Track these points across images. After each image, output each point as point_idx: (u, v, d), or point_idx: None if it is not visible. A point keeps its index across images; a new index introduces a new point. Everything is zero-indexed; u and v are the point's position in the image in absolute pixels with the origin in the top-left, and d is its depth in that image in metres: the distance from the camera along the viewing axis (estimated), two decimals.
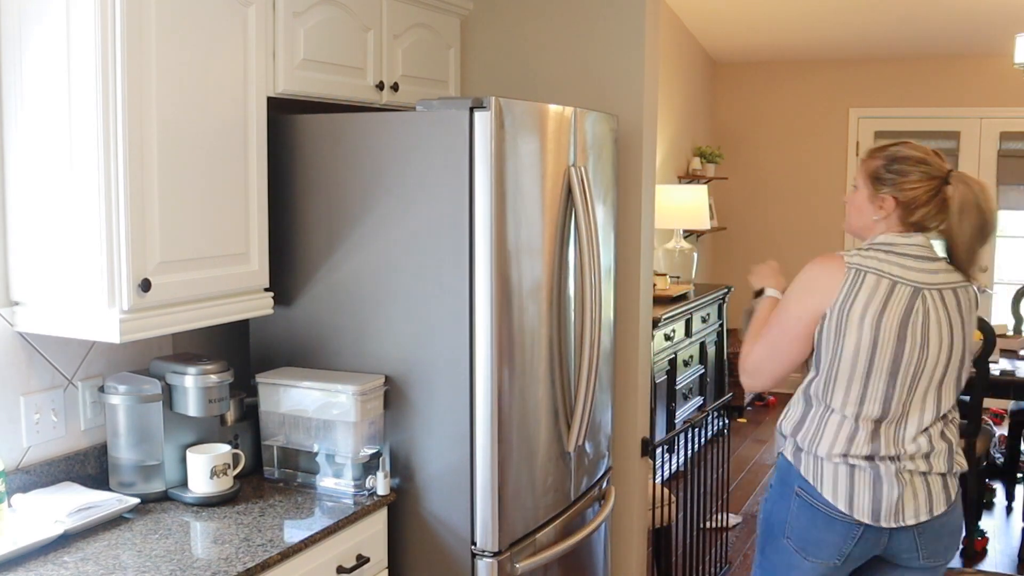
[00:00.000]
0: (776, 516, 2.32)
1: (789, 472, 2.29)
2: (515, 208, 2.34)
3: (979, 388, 4.38)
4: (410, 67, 2.90)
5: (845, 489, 2.21)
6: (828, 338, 2.20)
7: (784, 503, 2.30)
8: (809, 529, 2.26)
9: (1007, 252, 7.06)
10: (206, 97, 2.18)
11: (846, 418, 2.21)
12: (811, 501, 2.25)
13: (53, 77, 2.00)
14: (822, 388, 2.23)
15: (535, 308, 2.47)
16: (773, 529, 2.33)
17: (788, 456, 2.30)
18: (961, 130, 7.00)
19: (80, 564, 1.90)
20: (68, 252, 2.04)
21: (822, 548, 2.26)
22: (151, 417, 2.27)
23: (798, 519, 2.27)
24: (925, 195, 2.20)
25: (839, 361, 2.19)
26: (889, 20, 6.14)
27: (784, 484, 2.31)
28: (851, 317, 2.16)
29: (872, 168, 2.27)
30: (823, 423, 2.24)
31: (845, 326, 2.17)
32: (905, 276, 2.18)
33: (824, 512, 2.23)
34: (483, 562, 2.36)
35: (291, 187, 2.49)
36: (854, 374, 2.19)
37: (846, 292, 2.17)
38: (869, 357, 2.17)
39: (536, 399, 2.50)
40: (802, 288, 2.25)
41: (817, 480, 2.23)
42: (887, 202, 2.23)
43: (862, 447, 2.20)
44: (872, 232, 2.28)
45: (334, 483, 2.37)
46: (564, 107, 2.56)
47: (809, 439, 2.25)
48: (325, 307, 2.49)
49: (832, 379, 2.21)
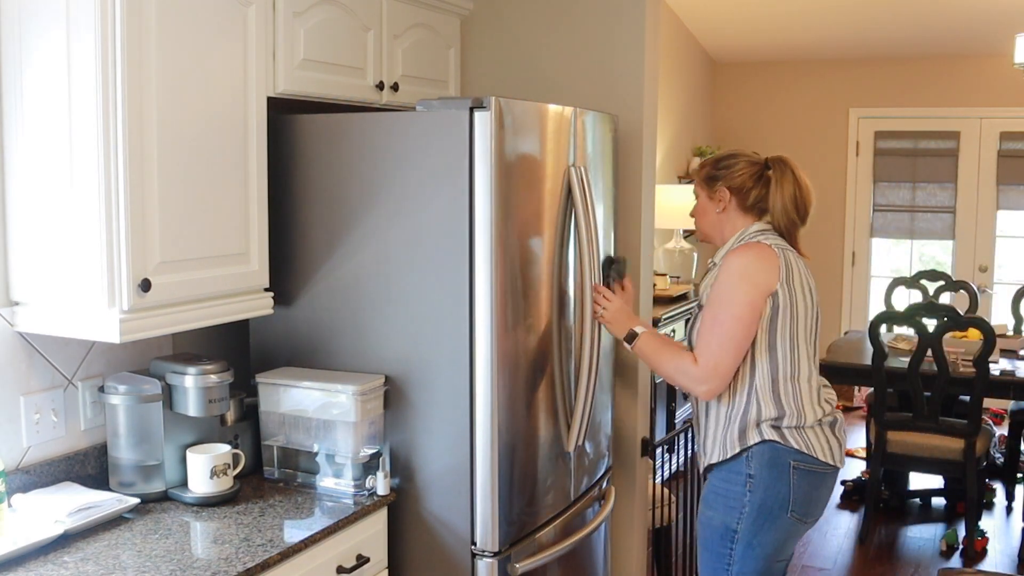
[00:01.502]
0: (774, 498, 2.43)
1: (776, 451, 2.42)
2: (515, 208, 2.34)
3: (979, 388, 4.38)
4: (410, 67, 2.90)
5: (827, 445, 2.45)
6: (784, 312, 2.40)
7: (782, 482, 2.42)
8: (810, 493, 2.45)
9: (1007, 252, 7.06)
10: (206, 97, 2.18)
11: (811, 387, 2.45)
12: (809, 467, 2.43)
13: (53, 77, 2.00)
14: (789, 363, 2.42)
15: (535, 308, 2.47)
16: (772, 511, 2.43)
17: (772, 438, 2.41)
18: (961, 130, 7.00)
19: (80, 564, 1.91)
20: (68, 252, 2.04)
21: (819, 506, 2.50)
22: (151, 417, 2.28)
23: (799, 489, 2.42)
24: (751, 179, 2.52)
25: (797, 330, 2.42)
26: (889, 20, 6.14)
27: (775, 466, 2.42)
28: (795, 287, 2.42)
29: (704, 174, 2.59)
30: (799, 402, 2.43)
31: (795, 295, 2.42)
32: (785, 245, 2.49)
33: (820, 472, 2.45)
34: (483, 562, 2.36)
35: (291, 187, 2.49)
36: (808, 337, 2.45)
37: (785, 267, 2.42)
38: (814, 315, 2.47)
39: (536, 399, 2.50)
40: (744, 277, 2.42)
41: (810, 447, 2.42)
42: (722, 193, 2.54)
43: (824, 404, 2.48)
44: (721, 229, 2.58)
45: (334, 483, 2.37)
46: (564, 107, 2.56)
47: (795, 419, 2.42)
48: (325, 307, 2.49)
49: (796, 349, 2.43)
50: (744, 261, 2.43)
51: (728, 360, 2.41)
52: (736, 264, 2.43)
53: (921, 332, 4.41)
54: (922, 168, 7.14)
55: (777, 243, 2.47)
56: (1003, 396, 4.67)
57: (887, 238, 7.32)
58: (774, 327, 2.41)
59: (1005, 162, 6.93)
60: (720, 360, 2.41)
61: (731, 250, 2.49)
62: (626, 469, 3.19)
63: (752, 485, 2.44)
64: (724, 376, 2.42)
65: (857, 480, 5.29)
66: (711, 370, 2.41)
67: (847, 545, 4.66)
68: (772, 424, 2.42)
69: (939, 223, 7.14)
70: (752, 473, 2.44)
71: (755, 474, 2.44)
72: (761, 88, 7.44)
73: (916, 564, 4.45)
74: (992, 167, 6.97)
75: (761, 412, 2.42)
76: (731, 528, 2.46)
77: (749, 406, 2.44)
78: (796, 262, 2.46)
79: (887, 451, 4.58)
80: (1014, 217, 7.00)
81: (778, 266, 2.41)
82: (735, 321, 2.39)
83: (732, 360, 2.41)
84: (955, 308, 4.54)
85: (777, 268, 2.41)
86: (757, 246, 2.45)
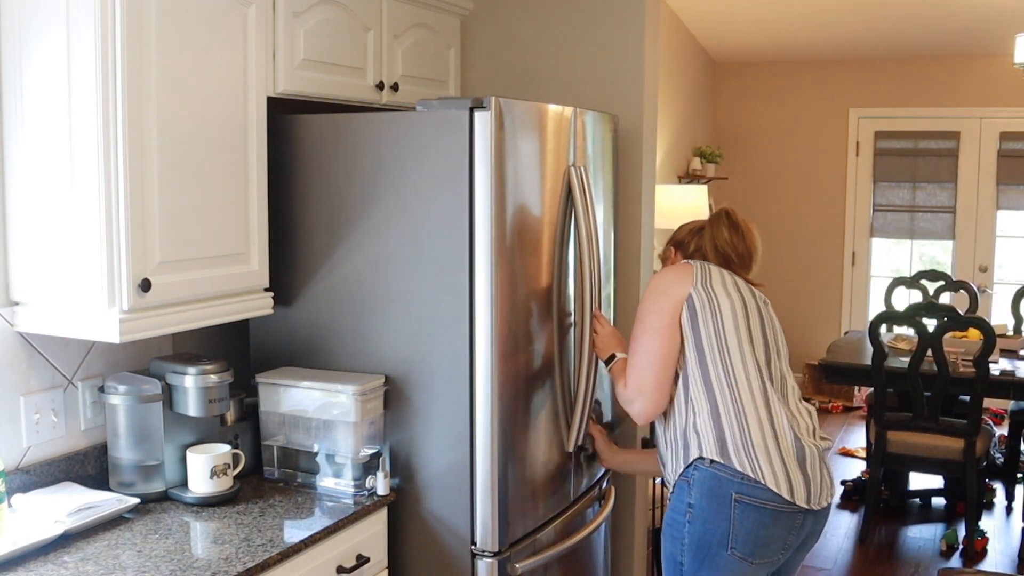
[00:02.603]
0: (712, 531, 2.25)
1: (718, 481, 2.25)
2: (515, 208, 2.34)
3: (979, 388, 4.38)
4: (410, 67, 2.90)
5: (783, 474, 2.23)
6: (703, 312, 2.32)
7: (720, 516, 2.24)
8: (756, 531, 2.24)
9: (1007, 252, 7.05)
10: (206, 97, 2.18)
11: (751, 383, 2.29)
12: (753, 501, 2.23)
13: (53, 77, 2.00)
14: (719, 365, 2.29)
15: (535, 308, 2.47)
16: (711, 547, 2.26)
17: (716, 459, 2.25)
18: (961, 130, 7.00)
19: (80, 564, 1.91)
20: (68, 252, 2.04)
21: (769, 546, 2.27)
22: (151, 417, 2.28)
23: (742, 525, 2.23)
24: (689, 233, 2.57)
25: (723, 327, 2.31)
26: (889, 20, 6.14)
27: (715, 496, 2.25)
28: (715, 287, 2.36)
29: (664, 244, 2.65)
30: (740, 409, 2.27)
31: (715, 294, 2.34)
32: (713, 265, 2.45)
33: (769, 508, 2.23)
34: (483, 562, 2.36)
35: (291, 187, 2.49)
36: (740, 333, 2.32)
37: (700, 273, 2.38)
38: (745, 315, 2.35)
39: (536, 399, 2.50)
40: (656, 290, 2.40)
41: (757, 471, 2.22)
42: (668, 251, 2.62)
43: (778, 408, 2.29)
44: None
45: (334, 483, 2.37)
46: (564, 107, 2.56)
47: (737, 431, 2.25)
48: (325, 307, 2.49)
49: (725, 348, 2.31)
50: (656, 280, 2.43)
51: (650, 376, 2.34)
52: (649, 286, 2.44)
53: (921, 332, 4.41)
54: (922, 168, 7.14)
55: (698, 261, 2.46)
56: (1003, 396, 4.67)
57: (887, 238, 7.32)
58: (697, 330, 2.32)
59: (1005, 162, 6.93)
60: (642, 378, 2.35)
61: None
62: None
63: (691, 515, 2.28)
64: (650, 393, 2.34)
65: (857, 480, 5.29)
66: (635, 389, 2.37)
67: (847, 545, 4.66)
68: (716, 438, 2.26)
69: (939, 223, 7.13)
70: (692, 503, 2.28)
71: (695, 504, 2.28)
72: (761, 88, 7.44)
73: (916, 564, 4.45)
74: (992, 167, 6.97)
75: (699, 424, 2.28)
76: (678, 560, 2.33)
77: (688, 420, 2.31)
78: (722, 273, 2.40)
79: (887, 451, 4.58)
80: (1014, 217, 7.00)
81: (691, 273, 2.38)
82: (649, 333, 2.36)
83: (655, 376, 2.33)
84: (955, 308, 4.54)
85: (691, 275, 2.37)
86: (675, 264, 2.49)
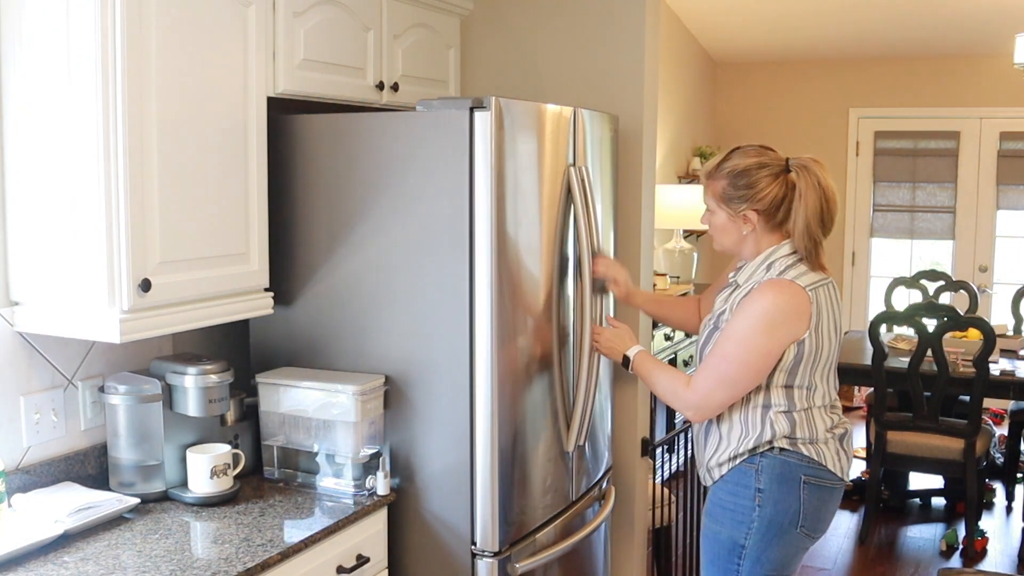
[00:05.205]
0: (784, 512, 2.35)
1: (787, 467, 2.34)
2: (515, 208, 2.34)
3: (979, 388, 4.38)
4: (410, 67, 2.90)
5: (837, 458, 2.39)
6: (810, 355, 2.30)
7: (792, 497, 2.35)
8: (820, 508, 2.38)
9: (1007, 252, 7.05)
10: (206, 97, 2.18)
11: (824, 408, 2.39)
12: (819, 482, 2.36)
13: (53, 77, 2.00)
14: (804, 396, 2.35)
15: (535, 308, 2.47)
16: (782, 526, 2.35)
17: (785, 447, 2.34)
18: (961, 130, 7.00)
19: (80, 564, 1.91)
20: (68, 252, 2.04)
21: (827, 521, 2.44)
22: (151, 417, 2.27)
23: (810, 504, 2.35)
24: (780, 192, 2.31)
25: (819, 368, 2.34)
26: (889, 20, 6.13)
27: (785, 480, 2.34)
28: (822, 331, 2.31)
29: (718, 190, 2.36)
30: (811, 417, 2.36)
31: (822, 340, 2.31)
32: (816, 280, 2.32)
33: (828, 487, 2.38)
34: (483, 562, 2.36)
35: (291, 187, 2.49)
36: (828, 373, 2.38)
37: (815, 314, 2.28)
38: (830, 356, 2.37)
39: (536, 399, 2.50)
40: (773, 325, 2.26)
41: (822, 456, 2.35)
42: (750, 216, 2.33)
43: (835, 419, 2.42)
44: (746, 247, 2.39)
45: (334, 483, 2.37)
46: (564, 107, 2.56)
47: (808, 432, 2.35)
48: (325, 307, 2.49)
49: (814, 385, 2.35)
50: (772, 306, 2.25)
51: (722, 396, 2.33)
52: (762, 306, 2.26)
53: (921, 332, 4.41)
54: (922, 168, 7.14)
55: (809, 281, 2.28)
56: (1003, 396, 4.67)
57: (887, 238, 7.31)
58: (795, 370, 2.30)
59: (1005, 162, 6.93)
60: (713, 395, 2.33)
61: (760, 284, 2.29)
62: (626, 469, 3.19)
63: (761, 499, 2.35)
64: (715, 408, 2.35)
65: (857, 480, 5.28)
66: (702, 399, 2.35)
67: (847, 545, 4.66)
68: (786, 436, 2.33)
69: (939, 223, 7.13)
70: (762, 487, 2.35)
71: (765, 488, 2.34)
72: (761, 88, 7.44)
73: (916, 564, 4.45)
74: (992, 167, 6.97)
75: (775, 431, 2.33)
76: (739, 543, 2.37)
77: (759, 427, 2.34)
78: (827, 300, 2.31)
79: (887, 451, 4.58)
80: (1014, 217, 6.99)
81: (810, 314, 2.25)
82: (743, 367, 2.28)
83: (727, 397, 2.33)
84: (955, 308, 4.54)
85: (808, 316, 2.25)
86: (790, 288, 2.26)
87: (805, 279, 2.29)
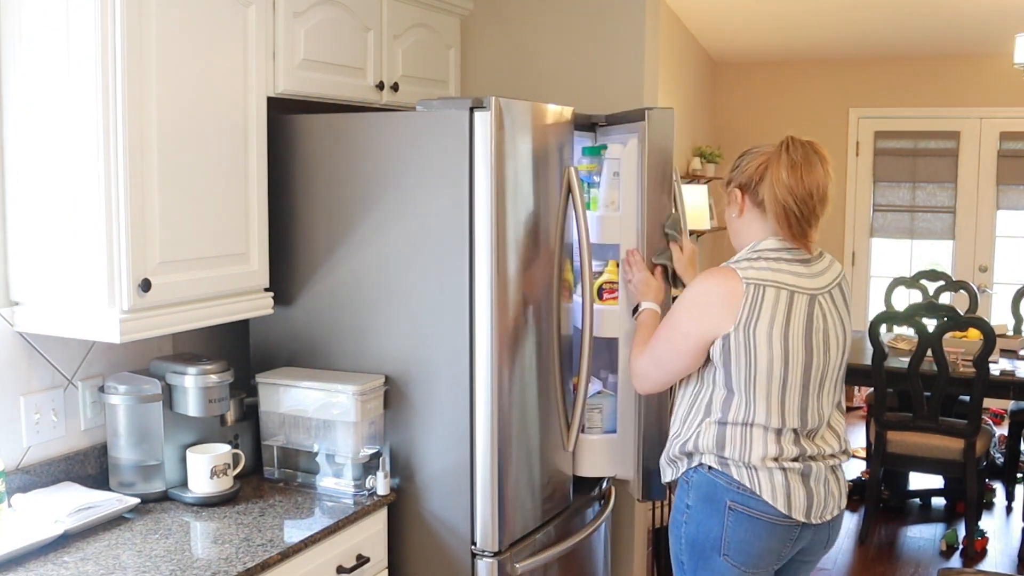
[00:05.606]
0: (706, 535, 2.20)
1: (715, 487, 2.18)
2: (515, 208, 2.34)
3: (979, 388, 4.38)
4: (410, 67, 2.90)
5: (782, 489, 2.15)
6: (737, 357, 2.13)
7: (715, 520, 2.18)
8: (749, 541, 2.17)
9: (1007, 252, 7.05)
10: (206, 97, 2.18)
11: (769, 430, 2.16)
12: (747, 511, 2.15)
13: (53, 77, 2.00)
14: (743, 408, 2.16)
15: (535, 308, 2.47)
16: (704, 549, 2.20)
17: (713, 466, 2.18)
18: (961, 130, 7.00)
19: (80, 564, 1.91)
20: (68, 252, 2.04)
21: (764, 557, 2.19)
22: (151, 417, 2.28)
23: (735, 533, 2.17)
24: (759, 169, 2.19)
25: (754, 379, 2.13)
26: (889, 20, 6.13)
27: (711, 501, 2.19)
28: (758, 335, 2.11)
29: (726, 180, 2.32)
30: (748, 437, 2.16)
31: (754, 344, 2.11)
32: (799, 284, 2.15)
33: (764, 520, 2.16)
34: (483, 562, 2.36)
35: (291, 187, 2.49)
36: (771, 388, 2.14)
37: (748, 310, 2.10)
38: (783, 371, 2.13)
39: (536, 399, 2.50)
40: (695, 306, 2.18)
41: (754, 483, 2.15)
42: (734, 194, 2.26)
43: (791, 448, 2.17)
44: (738, 236, 2.28)
45: (334, 483, 2.37)
46: (564, 107, 2.56)
47: (738, 451, 2.17)
48: (325, 307, 2.49)
49: (752, 398, 2.15)
50: (700, 287, 2.18)
51: (655, 374, 2.28)
52: (692, 288, 2.20)
53: (921, 332, 4.41)
54: (922, 168, 7.14)
55: (758, 277, 2.12)
56: (1003, 396, 4.67)
57: (887, 238, 7.32)
58: (728, 370, 2.15)
59: (1005, 162, 6.93)
60: (648, 371, 2.30)
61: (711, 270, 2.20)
62: None
63: (688, 516, 2.24)
64: (650, 383, 2.31)
65: (857, 480, 5.29)
66: (640, 371, 2.32)
67: (847, 545, 4.66)
68: (714, 453, 2.18)
69: (939, 223, 7.14)
70: (690, 504, 2.23)
71: (692, 505, 2.23)
72: (761, 88, 7.44)
73: (916, 564, 4.45)
74: (992, 167, 6.97)
75: (700, 444, 2.20)
76: (679, 559, 2.28)
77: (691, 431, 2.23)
78: (780, 305, 2.11)
79: (887, 451, 4.58)
80: (1014, 217, 6.99)
81: (739, 307, 2.10)
82: (666, 344, 2.23)
83: (659, 375, 2.27)
84: (955, 308, 4.54)
85: (736, 308, 2.10)
86: (724, 273, 2.15)
87: (754, 272, 2.13)
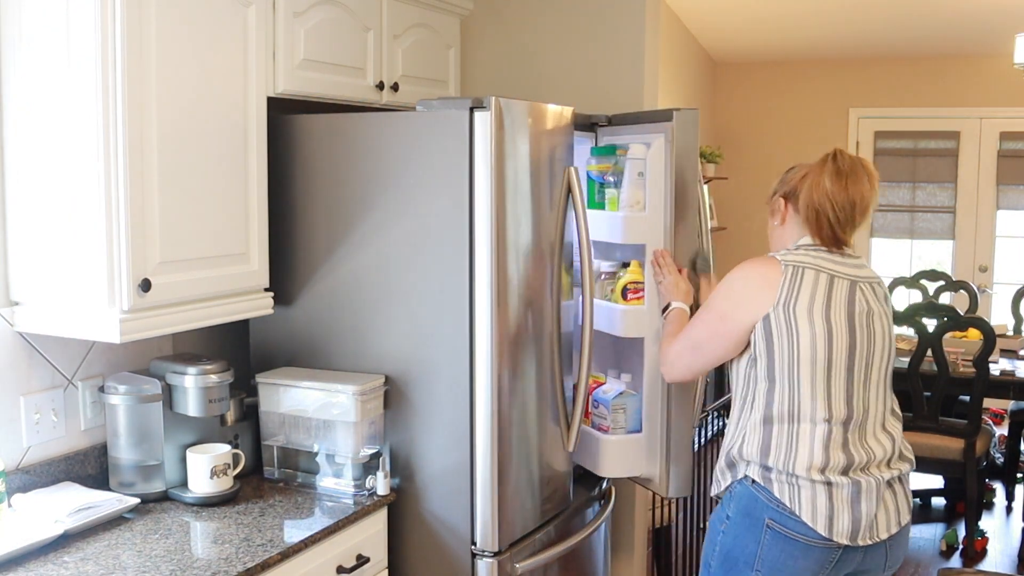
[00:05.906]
0: (741, 549, 2.18)
1: (755, 503, 2.16)
2: (515, 208, 2.34)
3: (979, 388, 4.38)
4: (410, 67, 2.90)
5: (825, 511, 2.11)
6: (780, 338, 2.13)
7: (751, 535, 2.16)
8: (784, 561, 2.14)
9: (1007, 252, 7.05)
10: (206, 97, 2.18)
11: (816, 424, 2.13)
12: (785, 532, 2.13)
13: (53, 77, 2.00)
14: (787, 397, 2.14)
15: (535, 308, 2.47)
16: (737, 562, 2.19)
17: (756, 480, 2.16)
18: (961, 130, 7.00)
19: (80, 564, 1.91)
20: (68, 252, 2.04)
21: None
22: (151, 417, 2.28)
23: (770, 552, 2.14)
24: (803, 179, 2.23)
25: (798, 361, 2.13)
26: (889, 20, 6.13)
27: (749, 516, 2.17)
28: (798, 312, 2.12)
29: (770, 193, 2.35)
30: (794, 438, 2.14)
31: (795, 322, 2.12)
32: (838, 270, 2.19)
33: (801, 541, 2.12)
34: (483, 562, 2.36)
35: (291, 187, 2.49)
36: (816, 371, 2.13)
37: (787, 289, 2.13)
38: (827, 350, 2.13)
39: (536, 399, 2.50)
40: (734, 291, 2.21)
41: (794, 502, 2.12)
42: (777, 203, 2.30)
43: (838, 455, 2.13)
44: (775, 241, 2.33)
45: (334, 483, 2.37)
46: (564, 107, 2.56)
47: (783, 458, 2.13)
48: (325, 307, 2.49)
49: (795, 382, 2.13)
50: (739, 273, 2.21)
51: (688, 359, 2.30)
52: (730, 275, 2.23)
53: (921, 332, 4.41)
54: (922, 168, 7.14)
55: (795, 259, 2.16)
56: (1003, 396, 4.67)
57: (887, 238, 7.32)
58: (771, 355, 2.14)
59: (1005, 162, 6.93)
60: (681, 356, 2.31)
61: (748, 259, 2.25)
62: None
63: (726, 527, 2.22)
64: (682, 369, 2.33)
65: None
66: (674, 356, 2.33)
67: None
68: (759, 464, 2.16)
69: (939, 223, 7.14)
70: (730, 515, 2.22)
71: (732, 516, 2.21)
72: (761, 88, 7.44)
73: (916, 564, 4.45)
74: (992, 167, 6.97)
75: (745, 451, 2.18)
76: (708, 562, 2.27)
77: (738, 438, 2.22)
78: (817, 279, 2.14)
79: None
80: (1014, 217, 6.99)
81: (778, 285, 2.13)
82: (704, 328, 2.25)
83: (692, 360, 2.29)
84: (955, 308, 4.54)
85: (776, 287, 2.13)
86: (762, 259, 2.21)
87: (792, 257, 2.18)
